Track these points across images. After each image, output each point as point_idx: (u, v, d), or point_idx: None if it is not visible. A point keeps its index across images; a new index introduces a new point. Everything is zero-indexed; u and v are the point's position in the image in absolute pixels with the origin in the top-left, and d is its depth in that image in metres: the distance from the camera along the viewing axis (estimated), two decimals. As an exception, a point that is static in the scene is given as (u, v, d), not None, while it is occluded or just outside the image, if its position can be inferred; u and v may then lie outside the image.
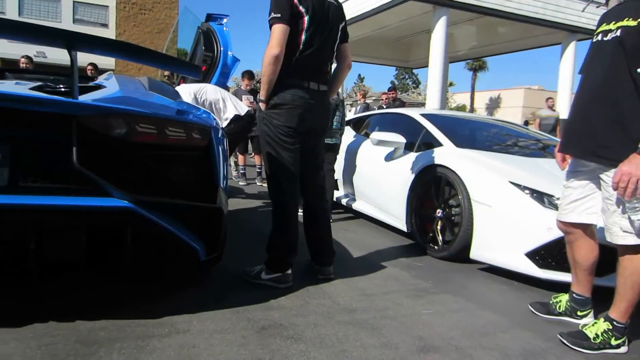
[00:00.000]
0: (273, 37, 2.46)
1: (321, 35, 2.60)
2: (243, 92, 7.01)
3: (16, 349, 1.75)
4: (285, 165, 2.63)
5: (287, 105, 2.58)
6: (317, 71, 2.66)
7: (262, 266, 2.69)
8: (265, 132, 2.66)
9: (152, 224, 1.91)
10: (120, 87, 2.36)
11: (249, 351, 1.89)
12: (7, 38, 2.05)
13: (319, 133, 2.83)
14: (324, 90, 2.72)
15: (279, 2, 2.47)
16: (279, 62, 2.48)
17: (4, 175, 1.78)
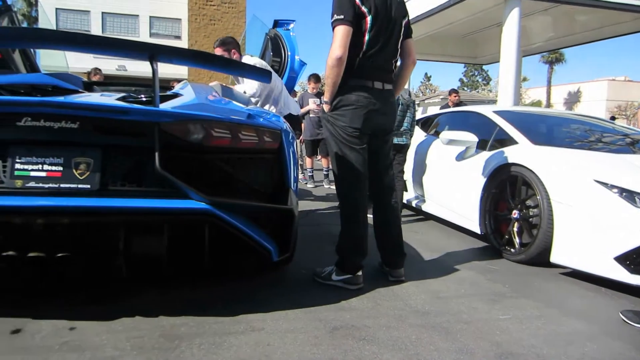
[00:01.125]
0: (336, 39, 2.47)
1: (384, 33, 2.57)
2: (310, 95, 7.10)
3: (108, 341, 1.89)
4: (353, 166, 2.62)
5: (351, 106, 2.57)
6: (382, 70, 2.63)
7: (333, 267, 2.70)
8: (331, 134, 2.67)
9: (228, 224, 1.98)
10: (196, 94, 2.47)
11: (321, 351, 1.90)
12: (97, 53, 2.22)
13: (387, 133, 2.79)
14: (389, 89, 2.69)
15: (341, 3, 2.48)
16: (342, 63, 2.49)
17: (96, 179, 1.92)
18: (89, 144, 1.94)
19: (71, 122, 1.86)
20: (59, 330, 1.95)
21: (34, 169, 1.90)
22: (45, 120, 1.84)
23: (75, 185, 1.91)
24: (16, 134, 1.87)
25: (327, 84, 2.55)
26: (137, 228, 1.95)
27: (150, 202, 1.93)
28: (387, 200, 2.82)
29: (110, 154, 1.97)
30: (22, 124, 1.83)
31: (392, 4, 2.60)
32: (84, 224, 1.93)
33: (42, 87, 2.72)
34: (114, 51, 2.23)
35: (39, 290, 2.38)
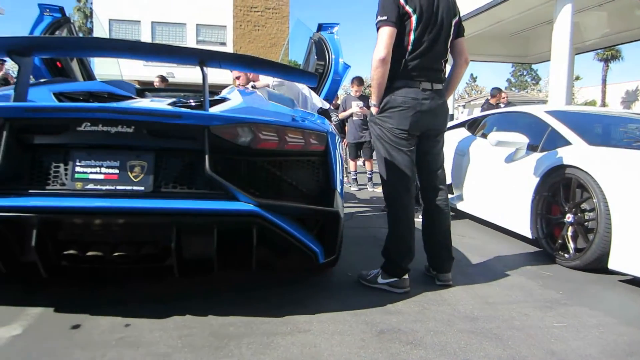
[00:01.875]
0: (379, 40, 2.46)
1: (430, 33, 2.54)
2: (353, 98, 7.08)
3: (161, 338, 1.95)
4: (400, 168, 2.59)
5: (398, 108, 2.55)
6: (429, 70, 2.60)
7: (379, 270, 2.68)
8: (378, 136, 2.66)
9: (275, 226, 2.01)
10: (243, 98, 2.53)
11: (368, 354, 1.89)
12: (150, 60, 2.31)
13: (437, 134, 2.73)
14: (438, 89, 2.64)
15: (385, 4, 2.47)
16: (386, 64, 2.48)
17: (149, 181, 2.00)
18: (143, 147, 2.01)
19: (127, 127, 1.94)
20: (115, 327, 2.03)
21: (92, 171, 1.99)
22: (103, 125, 1.93)
23: (130, 187, 1.99)
24: (76, 138, 1.97)
25: (373, 86, 2.55)
26: (187, 229, 2.00)
27: (200, 203, 1.98)
28: (437, 202, 2.76)
29: (163, 157, 2.04)
30: (82, 128, 1.93)
31: (439, 3, 2.56)
32: (138, 224, 2.01)
33: (99, 94, 2.86)
34: (166, 57, 2.32)
35: (96, 288, 2.48)
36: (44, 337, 1.91)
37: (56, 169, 1.99)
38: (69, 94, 2.57)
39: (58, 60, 3.73)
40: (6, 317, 2.07)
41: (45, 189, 1.97)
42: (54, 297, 2.32)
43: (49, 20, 3.72)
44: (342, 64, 3.83)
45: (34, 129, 1.96)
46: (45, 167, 1.99)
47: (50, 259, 2.01)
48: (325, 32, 4.03)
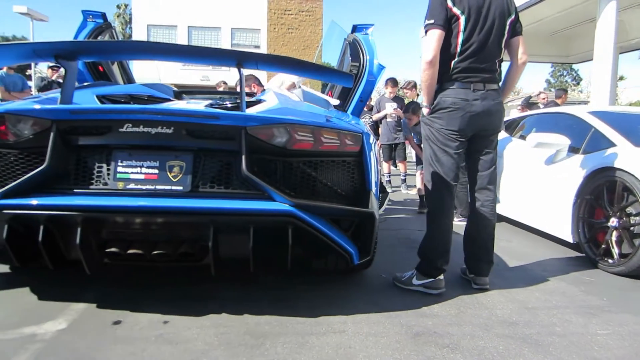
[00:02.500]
0: (427, 43, 2.50)
1: (480, 34, 2.53)
2: (387, 99, 7.03)
3: (198, 335, 1.99)
4: (445, 169, 2.60)
5: (447, 109, 2.56)
6: (481, 71, 2.58)
7: (413, 272, 2.67)
8: (427, 136, 2.69)
9: (310, 226, 2.02)
10: (279, 100, 2.55)
11: (404, 356, 1.87)
12: (190, 62, 2.36)
13: (491, 134, 2.69)
14: (492, 90, 2.61)
15: (433, 7, 2.51)
16: (434, 66, 2.50)
17: (188, 181, 2.04)
18: (181, 148, 2.06)
19: (166, 128, 1.99)
20: (154, 323, 2.08)
21: (133, 171, 2.05)
22: (144, 126, 1.98)
23: (169, 187, 2.04)
24: (118, 139, 2.03)
25: (423, 88, 2.59)
26: (224, 228, 2.03)
27: (237, 203, 2.01)
28: (485, 202, 2.71)
29: (200, 157, 2.08)
30: (123, 130, 1.99)
31: (491, 3, 2.54)
32: (177, 223, 2.06)
33: (139, 96, 2.94)
34: (204, 59, 2.36)
35: (135, 285, 2.55)
36: (87, 332, 1.98)
37: (99, 169, 2.06)
38: (111, 96, 2.65)
39: (100, 65, 3.86)
40: (53, 311, 2.16)
41: (89, 188, 2.04)
42: (97, 294, 2.39)
43: (92, 25, 3.85)
44: (377, 65, 3.81)
45: (78, 130, 2.03)
46: (89, 167, 2.07)
47: (94, 256, 2.08)
48: (359, 33, 4.02)
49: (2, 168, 2.08)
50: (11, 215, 1.95)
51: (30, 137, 2.01)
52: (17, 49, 2.15)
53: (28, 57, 2.23)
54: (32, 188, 1.98)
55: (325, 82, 3.87)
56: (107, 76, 3.88)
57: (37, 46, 2.07)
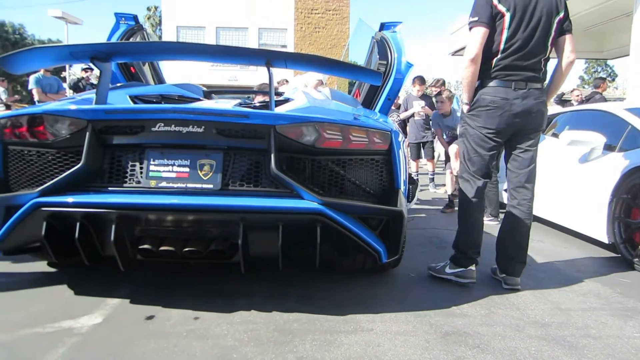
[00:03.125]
0: (471, 41, 2.51)
1: (524, 31, 2.50)
2: (414, 97, 6.93)
3: (227, 331, 2.01)
4: (475, 168, 2.65)
5: (486, 107, 2.57)
6: (523, 69, 2.54)
7: (447, 262, 2.76)
8: (463, 133, 2.72)
9: (338, 224, 2.02)
10: (307, 98, 2.56)
11: (433, 356, 1.86)
12: (218, 61, 2.39)
13: (530, 133, 2.64)
14: (535, 89, 2.56)
15: (478, 5, 2.53)
16: (476, 64, 2.51)
17: (218, 179, 2.07)
18: (212, 146, 2.09)
19: (197, 127, 2.02)
20: (186, 319, 2.12)
21: (165, 170, 2.09)
22: (176, 126, 2.02)
23: (200, 185, 2.07)
24: (151, 138, 2.08)
25: (463, 85, 2.60)
26: (254, 226, 2.05)
27: (266, 201, 2.03)
28: (522, 201, 2.68)
29: (230, 155, 2.11)
30: (156, 129, 2.03)
31: (538, 1, 2.51)
32: (208, 221, 2.09)
33: (170, 96, 3.00)
34: (233, 59, 2.39)
35: (167, 282, 2.61)
36: (121, 326, 2.03)
37: (132, 168, 2.11)
38: (143, 96, 2.71)
39: (132, 66, 3.95)
40: (88, 306, 2.22)
41: (122, 186, 2.10)
42: (130, 289, 2.46)
43: (124, 27, 3.94)
44: (405, 63, 3.78)
45: (113, 130, 2.08)
46: (123, 165, 2.12)
47: (127, 253, 2.13)
48: (387, 31, 3.99)
49: (41, 167, 2.15)
50: (49, 213, 2.01)
51: (67, 136, 2.07)
52: (55, 51, 2.22)
53: (65, 59, 2.30)
54: (68, 186, 2.04)
55: (354, 80, 3.86)
56: (138, 77, 3.97)
57: (74, 48, 2.14)
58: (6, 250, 2.21)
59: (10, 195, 2.16)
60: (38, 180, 2.16)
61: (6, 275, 2.65)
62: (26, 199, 2.03)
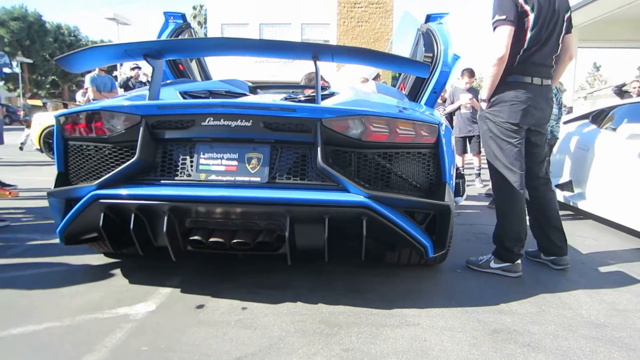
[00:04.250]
0: (498, 39, 2.54)
1: (547, 30, 2.60)
2: (461, 90, 6.76)
3: (274, 322, 2.05)
4: (510, 159, 2.66)
5: (509, 102, 2.64)
6: (541, 66, 2.67)
7: (490, 256, 2.78)
8: (488, 130, 2.74)
9: (384, 218, 2.02)
10: (353, 92, 2.55)
11: (481, 353, 1.82)
12: (264, 56, 2.43)
13: (542, 128, 2.81)
14: (547, 85, 2.71)
15: (503, 3, 2.55)
16: (503, 63, 2.57)
17: (265, 173, 2.11)
18: (259, 140, 2.13)
19: (245, 121, 2.06)
20: (234, 309, 2.17)
21: (214, 163, 2.15)
22: (225, 120, 2.06)
23: (248, 178, 2.11)
24: (201, 132, 2.13)
25: (488, 82, 2.65)
26: (300, 218, 2.07)
27: (312, 194, 2.05)
28: (546, 189, 2.86)
29: (277, 149, 2.14)
30: (206, 123, 2.08)
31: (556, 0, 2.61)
32: (255, 213, 2.13)
33: (217, 91, 3.07)
34: (281, 53, 2.41)
35: (216, 273, 2.68)
36: (173, 314, 2.11)
37: (183, 161, 2.18)
38: (192, 92, 2.78)
39: (180, 63, 4.07)
40: (143, 294, 2.32)
41: (174, 179, 2.17)
42: (181, 279, 2.54)
43: (173, 26, 4.06)
44: (452, 55, 3.70)
45: (165, 125, 2.16)
46: (174, 159, 2.19)
47: (178, 243, 2.21)
48: (433, 23, 3.92)
49: (98, 161, 2.26)
50: (106, 205, 2.11)
51: (122, 131, 2.16)
52: (111, 50, 2.32)
53: (120, 57, 2.40)
54: (124, 179, 2.14)
55: (400, 72, 3.82)
56: (187, 74, 4.08)
57: (129, 46, 2.22)
58: (67, 241, 2.33)
59: (71, 188, 2.28)
60: (96, 173, 2.26)
61: (67, 265, 2.80)
62: (85, 192, 2.14)
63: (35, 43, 37.71)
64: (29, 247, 3.14)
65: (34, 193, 5.25)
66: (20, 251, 3.04)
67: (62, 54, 2.41)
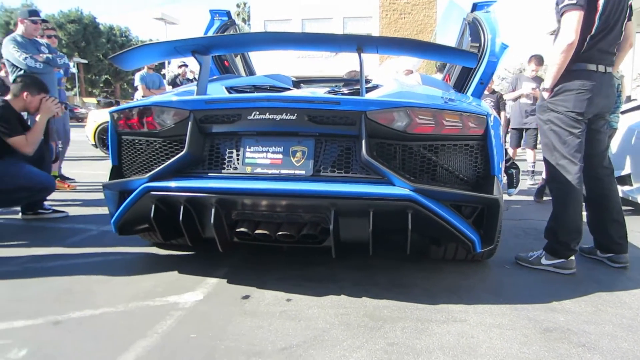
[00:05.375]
0: (568, 24, 2.44)
1: (614, 16, 2.53)
2: (525, 78, 6.25)
3: (319, 314, 2.06)
4: (572, 150, 2.57)
5: (574, 91, 2.54)
6: (606, 54, 2.60)
7: (541, 251, 2.68)
8: (548, 120, 2.64)
9: (430, 211, 1.98)
10: (397, 84, 2.52)
11: (532, 352, 1.76)
12: (309, 49, 2.43)
13: (605, 116, 2.73)
14: (610, 72, 2.64)
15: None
16: (573, 49, 2.47)
17: (310, 166, 2.11)
18: (304, 133, 2.14)
19: (290, 114, 2.07)
20: (278, 301, 2.20)
21: (260, 157, 2.17)
22: (270, 114, 2.09)
23: (293, 171, 2.13)
24: (247, 126, 2.16)
25: (553, 70, 2.55)
26: (344, 212, 2.07)
27: (357, 187, 2.04)
28: (607, 180, 2.76)
29: (322, 142, 2.14)
30: (251, 117, 2.11)
31: None
32: (300, 206, 2.14)
33: (262, 86, 3.10)
34: (325, 46, 2.41)
35: (260, 265, 2.72)
36: (220, 304, 2.16)
37: (230, 155, 2.22)
38: (238, 87, 2.83)
39: (225, 60, 4.14)
40: (191, 284, 2.39)
41: (221, 172, 2.21)
42: (227, 270, 2.60)
43: (218, 23, 4.14)
44: (500, 44, 3.58)
45: (212, 119, 2.20)
46: (221, 152, 2.24)
47: (225, 235, 2.25)
48: (480, 12, 3.80)
49: (149, 154, 2.34)
50: (157, 197, 2.18)
51: (171, 126, 2.23)
52: (161, 47, 2.39)
53: (170, 53, 2.46)
54: (173, 172, 2.20)
55: (447, 62, 3.73)
56: (232, 70, 4.15)
57: (178, 43, 2.28)
58: (120, 231, 2.43)
59: (124, 181, 2.37)
60: (147, 166, 2.34)
61: (120, 254, 2.92)
62: (137, 184, 2.22)
63: (90, 44, 39.49)
64: (86, 236, 3.30)
65: (89, 186, 5.50)
66: (78, 240, 3.20)
67: (115, 53, 2.50)
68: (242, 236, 2.27)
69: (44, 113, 3.60)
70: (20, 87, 3.57)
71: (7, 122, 3.36)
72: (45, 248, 3.00)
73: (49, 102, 3.63)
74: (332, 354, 1.72)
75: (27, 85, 3.58)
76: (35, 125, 3.55)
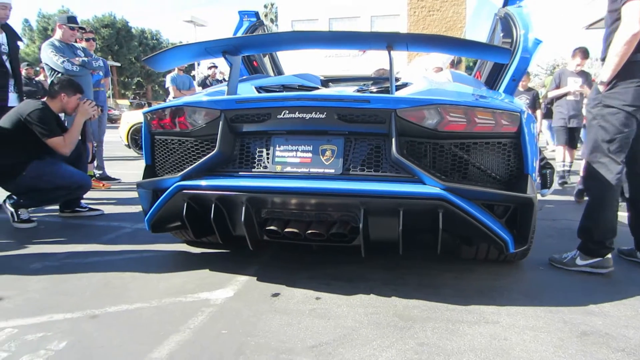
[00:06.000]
0: (631, 14, 2.34)
1: None
2: (570, 73, 5.88)
3: (348, 313, 2.06)
4: (616, 149, 2.48)
5: (634, 83, 2.42)
6: None
7: (576, 252, 2.60)
8: (599, 115, 2.52)
9: (462, 211, 1.95)
10: (427, 81, 2.49)
11: (568, 355, 1.71)
12: (338, 47, 2.44)
13: None
14: None
15: None
16: (637, 39, 2.35)
17: (339, 164, 2.11)
18: (333, 132, 2.14)
19: (319, 113, 2.08)
20: (308, 299, 2.21)
21: (289, 155, 2.19)
22: (299, 113, 2.09)
23: (322, 170, 2.13)
24: (276, 125, 2.18)
25: (613, 62, 2.41)
26: (374, 210, 2.06)
27: (387, 185, 2.02)
28: None
29: (351, 141, 2.14)
30: (281, 116, 2.13)
31: None
32: (330, 204, 2.14)
33: (291, 86, 3.12)
34: (354, 44, 2.41)
35: (290, 263, 2.74)
36: (251, 301, 2.18)
37: (260, 153, 2.24)
38: (267, 87, 2.85)
39: (254, 60, 4.19)
40: (222, 281, 2.42)
41: (251, 171, 2.24)
42: (258, 268, 2.63)
43: (247, 24, 4.19)
44: (533, 40, 3.50)
45: (242, 119, 2.23)
46: (252, 151, 2.26)
47: (255, 233, 2.28)
48: (512, 7, 3.72)
49: (182, 154, 2.38)
50: (189, 195, 2.22)
51: (203, 125, 2.26)
52: (192, 48, 2.43)
53: (201, 54, 2.50)
54: (205, 171, 2.24)
55: (478, 58, 3.67)
56: (260, 70, 4.19)
57: (208, 44, 2.32)
58: (154, 229, 2.49)
59: (157, 180, 2.42)
60: (180, 165, 2.39)
61: (153, 251, 2.99)
62: (170, 183, 2.27)
63: (123, 47, 40.55)
64: (121, 234, 3.39)
65: (123, 185, 5.65)
66: (113, 237, 3.29)
67: (146, 56, 2.56)
68: (272, 234, 2.29)
69: (81, 115, 3.72)
70: (58, 88, 3.70)
71: (47, 124, 3.49)
72: (83, 245, 3.10)
73: (86, 105, 3.76)
74: (361, 353, 1.72)
75: (64, 87, 3.71)
76: (73, 127, 3.67)
